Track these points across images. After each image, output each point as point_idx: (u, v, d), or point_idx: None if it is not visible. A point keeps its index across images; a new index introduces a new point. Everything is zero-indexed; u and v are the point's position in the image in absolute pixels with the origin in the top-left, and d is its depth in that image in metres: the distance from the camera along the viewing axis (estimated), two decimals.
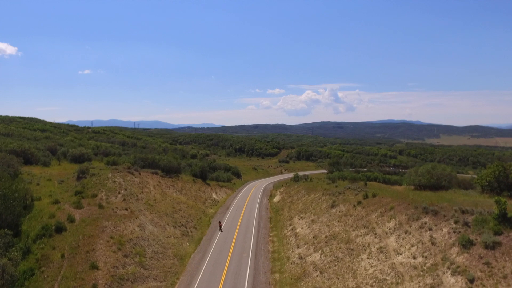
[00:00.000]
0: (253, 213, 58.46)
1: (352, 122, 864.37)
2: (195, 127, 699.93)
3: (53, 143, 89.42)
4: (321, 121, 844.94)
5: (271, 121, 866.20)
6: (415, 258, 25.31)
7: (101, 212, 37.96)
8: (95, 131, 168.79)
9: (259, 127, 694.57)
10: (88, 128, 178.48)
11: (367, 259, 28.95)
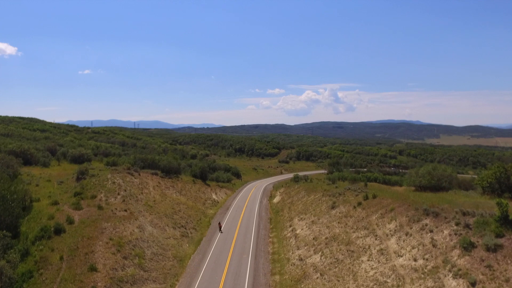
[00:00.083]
0: (253, 214, 58.29)
1: (352, 122, 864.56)
2: (195, 127, 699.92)
3: (53, 144, 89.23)
4: (321, 121, 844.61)
5: (271, 121, 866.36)
6: (416, 260, 25.15)
7: (100, 213, 37.79)
8: (95, 131, 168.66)
9: (259, 127, 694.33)
10: (88, 128, 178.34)
11: (368, 261, 28.79)
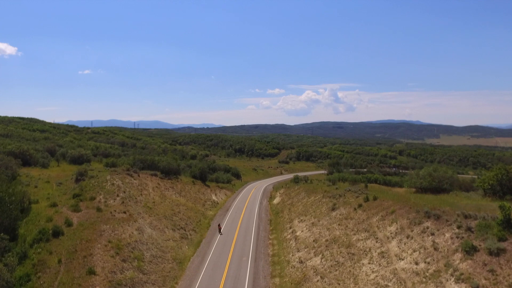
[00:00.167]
0: (252, 215, 58.04)
1: (352, 122, 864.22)
2: (195, 127, 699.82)
3: (52, 144, 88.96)
4: (321, 121, 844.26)
5: (271, 121, 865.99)
6: (417, 264, 24.89)
7: (99, 215, 37.52)
8: (95, 131, 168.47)
9: (259, 127, 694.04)
10: (87, 128, 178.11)
11: (369, 264, 28.53)
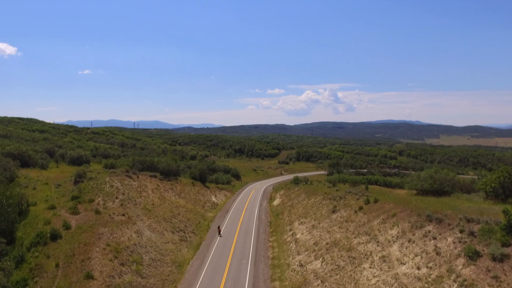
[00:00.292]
0: (252, 217, 57.71)
1: (352, 122, 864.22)
2: (195, 127, 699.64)
3: (52, 145, 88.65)
4: (321, 121, 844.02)
5: (271, 121, 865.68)
6: (419, 268, 24.59)
7: (97, 218, 37.21)
8: (94, 131, 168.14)
9: (259, 127, 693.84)
10: (87, 128, 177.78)
11: (370, 268, 28.22)
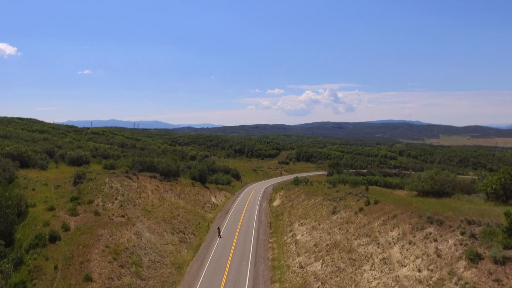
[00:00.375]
0: (252, 218, 57.54)
1: (351, 122, 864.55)
2: (195, 127, 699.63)
3: (51, 145, 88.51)
4: (321, 121, 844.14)
5: (271, 121, 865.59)
6: (420, 271, 24.42)
7: (97, 219, 37.06)
8: (94, 132, 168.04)
9: (259, 127, 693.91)
10: (87, 129, 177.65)
11: (370, 270, 28.05)
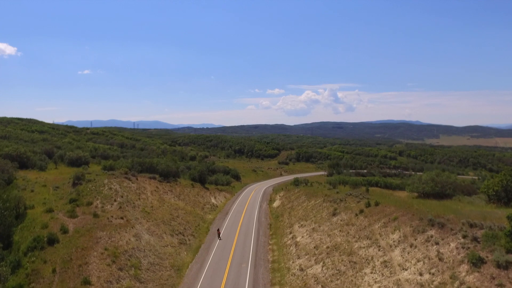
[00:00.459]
0: (252, 219, 57.29)
1: (351, 122, 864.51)
2: (195, 127, 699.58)
3: (51, 146, 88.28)
4: (321, 121, 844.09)
5: (271, 121, 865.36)
6: (421, 274, 24.18)
7: (95, 221, 36.78)
8: (94, 132, 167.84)
9: (259, 127, 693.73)
10: (87, 129, 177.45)
11: (371, 273, 27.82)
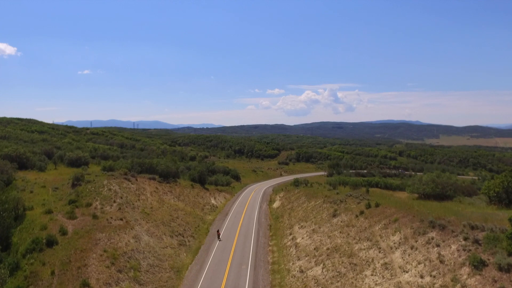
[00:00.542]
0: (252, 220, 57.13)
1: (351, 122, 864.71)
2: (195, 127, 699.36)
3: (50, 146, 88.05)
4: (321, 121, 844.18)
5: (271, 121, 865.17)
6: (422, 277, 24.03)
7: (95, 223, 36.63)
8: (94, 132, 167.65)
9: (259, 127, 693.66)
10: (86, 129, 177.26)
11: (371, 275, 27.66)
